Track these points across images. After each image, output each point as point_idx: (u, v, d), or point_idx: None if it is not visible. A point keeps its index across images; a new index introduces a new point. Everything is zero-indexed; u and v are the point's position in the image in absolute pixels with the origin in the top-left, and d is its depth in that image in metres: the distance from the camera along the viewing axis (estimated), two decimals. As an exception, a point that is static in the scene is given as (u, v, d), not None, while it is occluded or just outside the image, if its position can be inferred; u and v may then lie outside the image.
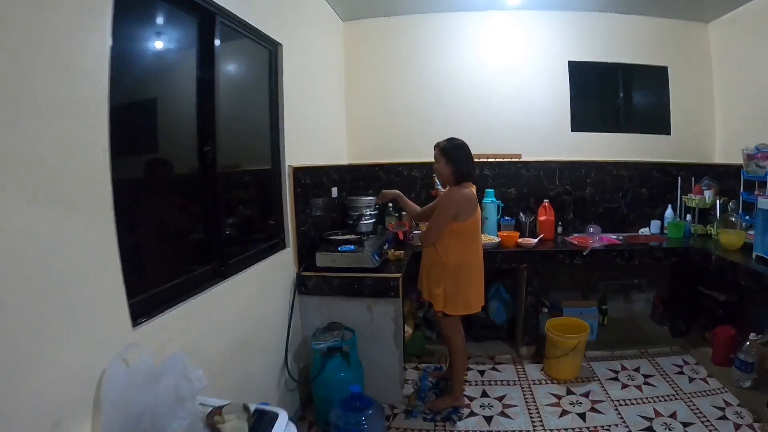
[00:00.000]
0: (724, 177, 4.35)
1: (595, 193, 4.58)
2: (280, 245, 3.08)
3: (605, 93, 4.71)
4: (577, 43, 4.53)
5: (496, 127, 4.57)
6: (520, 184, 4.58)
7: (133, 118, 1.80)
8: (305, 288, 3.19)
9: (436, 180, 4.40)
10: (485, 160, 4.53)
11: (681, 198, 4.50)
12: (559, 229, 4.42)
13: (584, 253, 3.87)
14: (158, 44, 1.96)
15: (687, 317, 4.34)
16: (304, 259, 3.27)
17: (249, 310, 2.57)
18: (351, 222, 3.87)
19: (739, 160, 4.01)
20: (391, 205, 4.27)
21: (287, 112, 3.04)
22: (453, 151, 2.94)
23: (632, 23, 4.52)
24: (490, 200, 4.28)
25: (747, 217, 3.83)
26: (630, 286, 4.82)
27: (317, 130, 3.70)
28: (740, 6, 4.14)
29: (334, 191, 3.94)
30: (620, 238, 4.27)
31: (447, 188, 3.06)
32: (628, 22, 4.51)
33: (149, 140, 1.94)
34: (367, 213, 4.09)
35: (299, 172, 3.17)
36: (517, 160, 4.59)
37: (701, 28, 4.60)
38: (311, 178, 3.41)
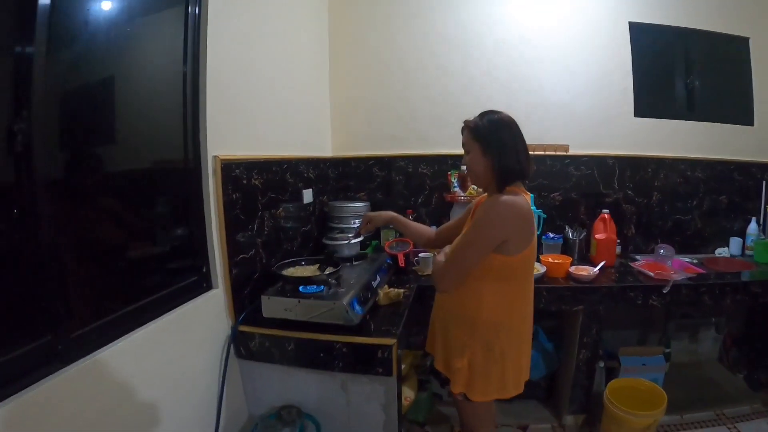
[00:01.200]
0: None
1: (663, 200, 3.36)
2: (201, 285, 1.91)
3: (675, 68, 3.50)
4: (638, 2, 3.31)
5: (533, 109, 3.32)
6: (568, 186, 3.35)
7: None
8: (246, 351, 2.02)
9: (454, 181, 3.18)
10: None
11: (766, 209, 3.37)
12: (617, 249, 3.17)
13: (665, 290, 2.64)
14: None
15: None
16: (246, 303, 2.10)
17: (137, 397, 1.47)
18: (328, 242, 2.65)
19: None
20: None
21: (213, 80, 1.88)
22: (493, 132, 1.71)
23: None
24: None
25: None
26: (698, 324, 3.66)
27: (279, 111, 2.50)
28: None
29: (307, 195, 2.75)
30: (696, 261, 3.10)
31: (481, 195, 2.04)
32: None
33: None
34: (355, 225, 2.89)
35: (235, 167, 1.99)
36: (564, 153, 3.35)
37: None
38: (263, 177, 2.22)
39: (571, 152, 3.34)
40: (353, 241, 2.51)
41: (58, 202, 1.28)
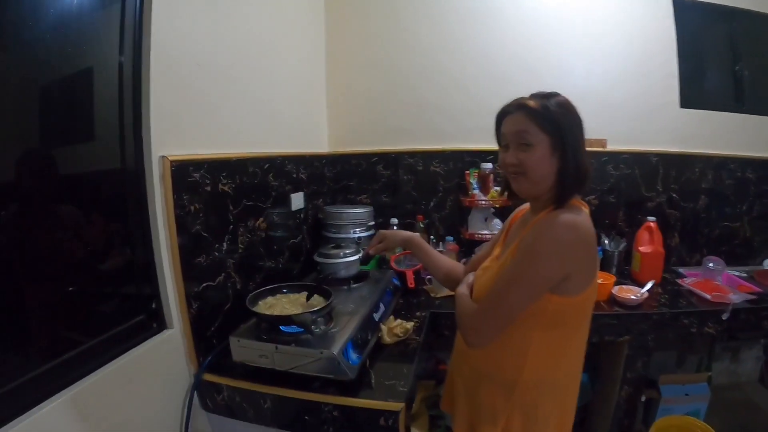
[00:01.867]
0: None
1: (710, 205, 2.86)
2: (150, 326, 1.47)
3: (724, 53, 2.99)
4: None
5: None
6: (605, 188, 2.85)
7: None
8: (213, 404, 1.57)
9: (473, 182, 2.71)
10: None
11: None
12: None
13: (724, 317, 2.17)
14: None
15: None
16: (214, 343, 1.65)
17: None
18: (320, 261, 2.18)
19: None
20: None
21: (165, 62, 1.43)
22: (566, 122, 1.23)
23: None
24: None
25: None
26: (741, 343, 3.16)
27: (259, 101, 2.02)
28: None
29: (296, 199, 2.28)
30: (745, 275, 2.61)
31: (520, 208, 1.54)
32: None
33: None
34: (356, 236, 2.44)
35: (193, 170, 1.53)
36: (601, 149, 2.85)
37: None
38: (236, 180, 1.76)
39: (609, 148, 2.84)
40: (354, 264, 2.06)
41: None
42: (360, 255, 1.91)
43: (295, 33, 2.41)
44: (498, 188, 2.70)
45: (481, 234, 2.66)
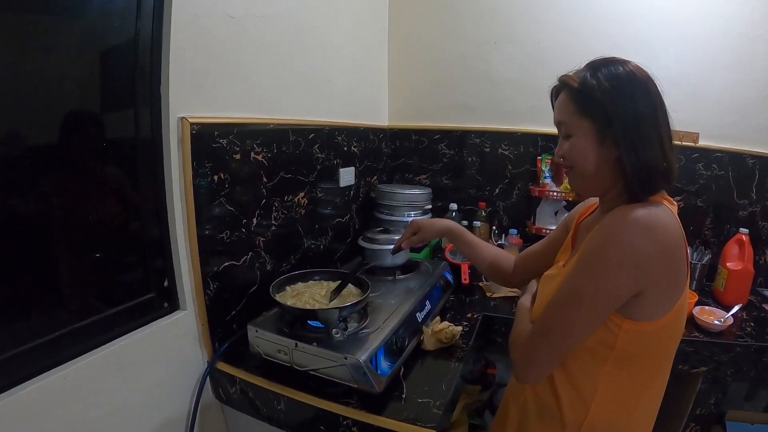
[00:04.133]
0: None
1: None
2: (161, 305, 1.31)
3: None
4: None
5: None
6: (693, 189, 2.42)
7: None
8: (226, 395, 1.41)
9: (545, 170, 2.41)
10: None
11: None
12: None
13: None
14: None
15: None
16: (233, 328, 1.48)
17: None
18: (364, 245, 1.94)
19: None
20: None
21: (187, 4, 1.22)
22: (619, 99, 0.95)
23: None
24: None
25: None
26: None
27: (306, 63, 1.81)
28: None
29: (345, 175, 2.07)
30: None
31: (589, 203, 1.25)
32: None
33: None
34: (411, 219, 2.22)
35: (218, 135, 1.34)
36: (692, 144, 2.43)
37: None
38: (272, 149, 1.57)
39: (701, 143, 2.40)
40: (403, 252, 1.79)
41: None
42: (391, 246, 1.66)
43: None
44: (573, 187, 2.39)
45: (550, 229, 2.37)
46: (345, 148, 2.07)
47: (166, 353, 1.28)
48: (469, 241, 1.50)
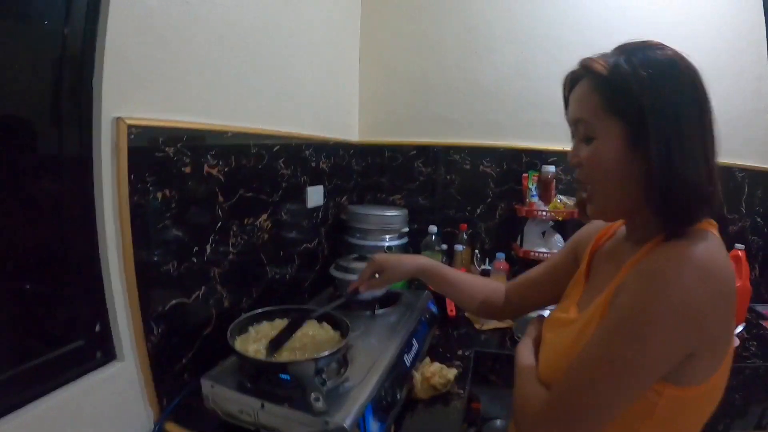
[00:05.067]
0: None
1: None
2: (93, 355, 1.02)
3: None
4: None
5: None
6: None
7: None
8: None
9: (532, 187, 2.23)
10: None
11: None
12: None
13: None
14: None
15: None
16: (185, 379, 1.21)
17: None
18: (336, 275, 1.68)
19: None
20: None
21: None
22: (659, 92, 0.73)
23: None
24: None
25: None
26: None
27: (269, 66, 1.55)
28: None
29: (313, 194, 1.83)
30: None
31: (606, 226, 1.02)
32: None
33: None
34: (386, 244, 2.01)
35: (164, 142, 1.08)
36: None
37: None
38: (230, 162, 1.31)
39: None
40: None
41: None
42: (347, 289, 1.28)
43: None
44: (563, 197, 2.21)
45: (538, 252, 2.18)
46: (313, 165, 1.83)
47: (101, 414, 0.99)
48: (450, 279, 1.23)
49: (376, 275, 1.23)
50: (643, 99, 0.72)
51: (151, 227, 1.06)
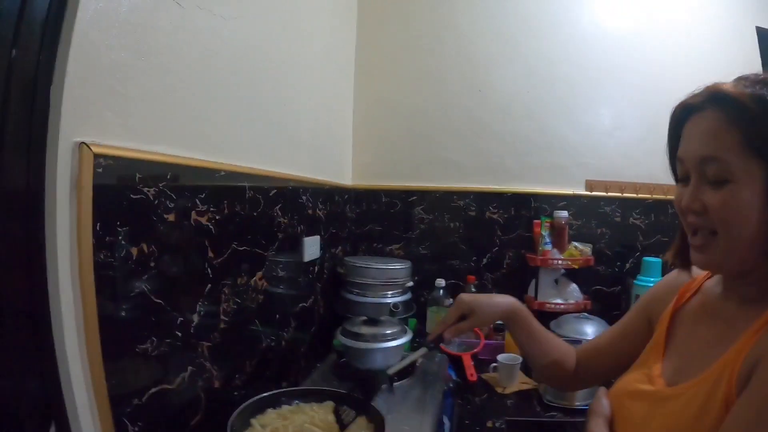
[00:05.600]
0: None
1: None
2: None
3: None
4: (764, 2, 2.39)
5: (647, 133, 2.24)
6: (667, 239, 2.20)
7: None
8: None
9: (545, 234, 2.05)
10: (619, 195, 2.22)
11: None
12: None
13: None
14: None
15: None
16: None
17: None
18: (347, 341, 1.40)
19: None
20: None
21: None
22: None
23: None
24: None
25: None
26: None
27: (259, 102, 1.31)
28: None
29: (310, 246, 1.58)
30: None
31: (701, 274, 0.88)
32: None
33: None
34: (389, 300, 1.78)
35: (141, 180, 0.82)
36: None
37: None
38: (223, 207, 1.06)
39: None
40: (398, 350, 1.27)
41: None
42: (428, 338, 1.12)
43: (322, 27, 1.77)
44: (578, 244, 2.03)
45: (554, 303, 1.97)
46: (310, 212, 1.60)
47: None
48: (535, 329, 1.07)
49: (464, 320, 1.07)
50: None
51: (123, 294, 0.80)
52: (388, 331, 1.43)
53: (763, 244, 0.67)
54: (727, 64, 2.26)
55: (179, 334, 0.92)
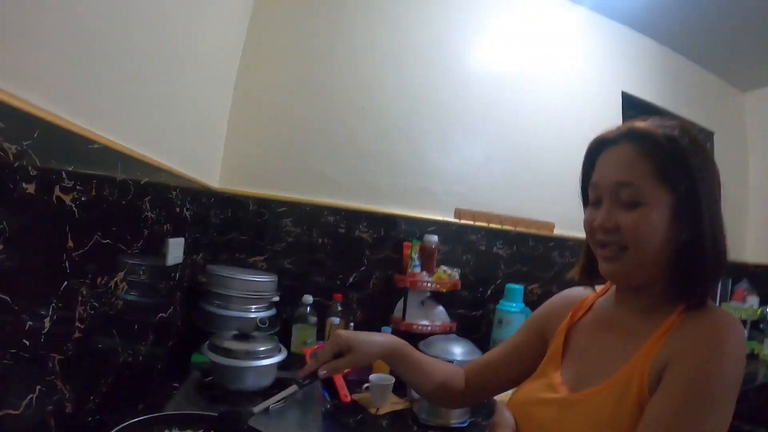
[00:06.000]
0: (761, 279, 3.15)
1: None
2: None
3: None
4: (631, 71, 2.94)
5: (520, 171, 2.48)
6: (549, 276, 2.51)
7: None
8: None
9: (414, 257, 2.05)
10: (485, 225, 2.34)
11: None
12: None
13: None
14: None
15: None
16: None
17: None
18: (217, 358, 1.23)
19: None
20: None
21: None
22: (707, 172, 0.79)
23: (686, 69, 3.25)
24: (518, 308, 2.08)
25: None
26: None
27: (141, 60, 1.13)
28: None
29: (174, 249, 1.38)
30: None
31: (598, 290, 0.98)
32: (683, 66, 3.23)
33: None
34: (254, 315, 1.64)
35: (2, 127, 0.61)
36: (548, 234, 2.53)
37: (739, 96, 3.63)
38: (86, 184, 0.86)
39: (557, 232, 2.49)
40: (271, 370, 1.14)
41: None
42: (300, 373, 0.98)
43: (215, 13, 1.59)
44: (446, 268, 2.06)
45: (421, 324, 1.97)
46: (178, 210, 1.40)
47: None
48: (416, 360, 1.04)
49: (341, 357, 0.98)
50: (696, 173, 0.75)
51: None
52: (261, 348, 1.29)
53: (662, 261, 0.78)
54: (595, 119, 2.59)
55: (27, 342, 0.71)
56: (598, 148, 0.86)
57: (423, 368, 1.04)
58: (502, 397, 1.55)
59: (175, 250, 1.39)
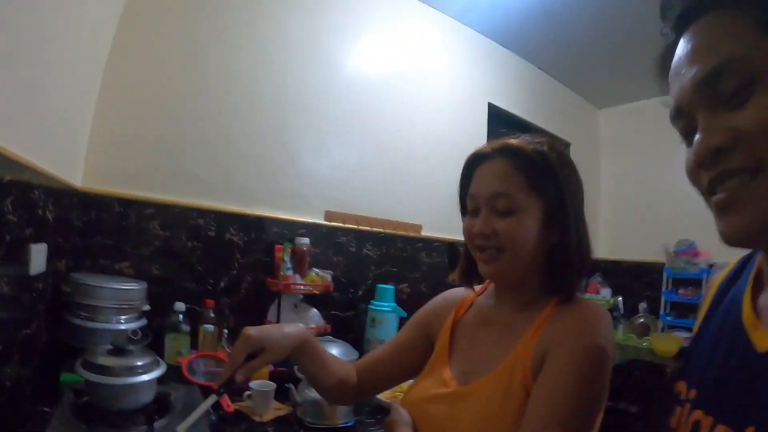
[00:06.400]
0: (612, 273, 3.72)
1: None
2: None
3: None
4: (497, 84, 3.27)
5: (388, 175, 2.60)
6: (417, 276, 2.68)
7: None
8: None
9: (287, 260, 2.06)
10: (355, 227, 2.44)
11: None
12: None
13: None
14: None
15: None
16: None
17: None
18: (91, 376, 1.13)
19: (625, 255, 3.83)
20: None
21: None
22: (573, 183, 0.94)
23: (548, 85, 3.74)
24: (390, 308, 2.21)
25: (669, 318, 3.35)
26: None
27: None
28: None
29: (37, 256, 1.24)
30: None
31: (475, 289, 1.09)
32: (545, 81, 3.69)
33: None
34: (123, 327, 1.55)
35: None
36: (416, 235, 2.70)
37: (594, 112, 4.30)
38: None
39: (424, 234, 2.66)
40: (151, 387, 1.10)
41: None
42: (217, 382, 0.95)
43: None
44: (318, 270, 2.09)
45: (298, 328, 1.98)
46: (40, 212, 1.27)
47: None
48: (321, 354, 1.05)
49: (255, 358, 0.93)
50: (563, 184, 0.89)
51: None
52: (140, 363, 1.22)
53: (536, 261, 0.90)
54: (463, 128, 2.87)
55: None
56: (475, 162, 0.96)
57: (325, 363, 1.04)
58: (388, 395, 1.64)
59: (38, 257, 1.25)
